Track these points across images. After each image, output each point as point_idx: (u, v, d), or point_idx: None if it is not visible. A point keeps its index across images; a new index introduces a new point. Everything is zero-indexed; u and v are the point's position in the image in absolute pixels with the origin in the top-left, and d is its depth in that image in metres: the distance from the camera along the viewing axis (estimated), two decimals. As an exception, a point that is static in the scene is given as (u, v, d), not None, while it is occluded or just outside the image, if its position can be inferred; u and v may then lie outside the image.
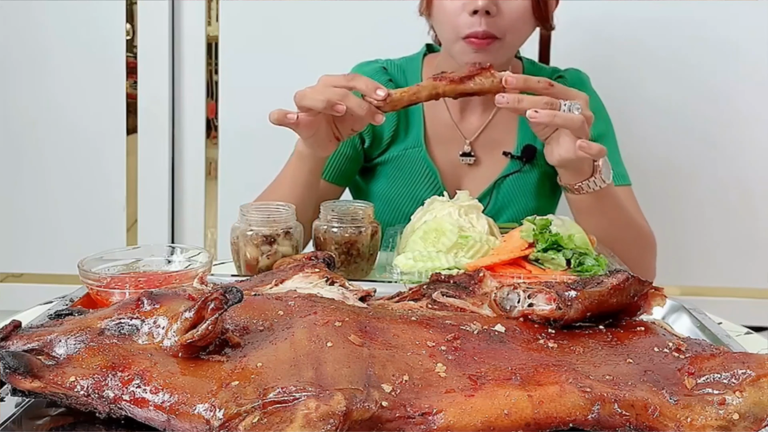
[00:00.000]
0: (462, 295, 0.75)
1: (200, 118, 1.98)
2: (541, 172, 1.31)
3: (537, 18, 1.18)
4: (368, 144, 1.32)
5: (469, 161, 1.31)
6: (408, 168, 1.32)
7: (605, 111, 1.35)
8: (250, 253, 0.96)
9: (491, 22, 1.14)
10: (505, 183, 1.31)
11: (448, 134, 1.31)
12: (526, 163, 1.30)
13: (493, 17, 1.14)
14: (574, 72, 1.38)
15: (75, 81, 1.94)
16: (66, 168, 1.98)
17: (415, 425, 0.52)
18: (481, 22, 1.14)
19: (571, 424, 0.54)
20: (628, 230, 1.18)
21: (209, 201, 2.03)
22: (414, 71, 1.34)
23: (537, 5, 1.17)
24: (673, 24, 1.85)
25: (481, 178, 1.31)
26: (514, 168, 1.30)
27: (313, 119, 1.03)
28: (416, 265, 0.92)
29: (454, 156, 1.31)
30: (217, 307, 0.56)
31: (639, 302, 0.70)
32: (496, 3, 1.14)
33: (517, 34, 1.19)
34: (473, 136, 1.31)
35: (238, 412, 0.51)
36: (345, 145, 1.30)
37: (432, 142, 1.32)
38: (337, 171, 1.31)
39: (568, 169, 1.09)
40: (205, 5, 1.93)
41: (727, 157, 1.89)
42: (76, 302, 0.78)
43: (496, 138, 1.31)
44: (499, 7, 1.14)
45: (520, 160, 1.29)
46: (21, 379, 0.54)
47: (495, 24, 1.15)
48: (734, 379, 0.56)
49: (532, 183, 1.32)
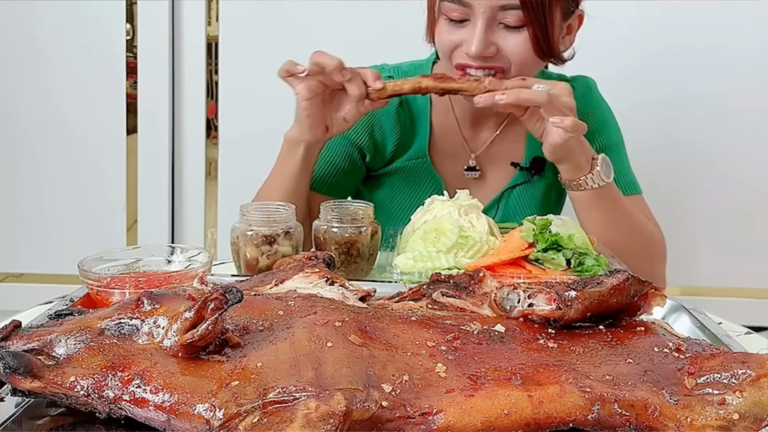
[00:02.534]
0: (462, 295, 0.75)
1: (200, 118, 1.98)
2: (548, 184, 1.30)
3: (540, 56, 1.11)
4: (370, 158, 1.29)
5: (474, 176, 1.30)
6: (412, 179, 1.30)
7: (614, 120, 1.33)
8: (250, 253, 0.96)
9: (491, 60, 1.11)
10: (513, 194, 1.30)
11: (455, 146, 1.30)
12: (535, 174, 1.29)
13: (492, 57, 1.11)
14: (582, 79, 1.35)
15: (75, 81, 1.94)
16: (66, 168, 1.98)
17: (415, 425, 0.52)
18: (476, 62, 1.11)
19: (571, 424, 0.54)
20: (633, 234, 1.17)
21: (209, 201, 2.03)
22: None
23: (537, 43, 1.09)
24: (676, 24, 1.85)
25: (488, 190, 1.30)
26: (522, 179, 1.30)
27: (315, 84, 1.07)
28: (416, 265, 0.92)
29: (459, 168, 1.30)
30: (217, 307, 0.56)
31: (639, 302, 0.70)
32: (495, 42, 1.10)
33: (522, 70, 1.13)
34: (480, 149, 1.30)
35: (238, 412, 0.51)
36: (340, 158, 1.27)
37: (437, 153, 1.30)
38: (329, 183, 1.27)
39: (565, 163, 1.10)
40: (205, 5, 1.93)
41: (728, 157, 1.89)
42: (76, 302, 0.78)
43: (504, 151, 1.30)
44: (499, 47, 1.10)
45: (529, 171, 1.29)
46: (21, 379, 0.54)
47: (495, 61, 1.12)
48: (734, 379, 0.56)
49: (539, 194, 1.31)
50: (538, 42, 1.09)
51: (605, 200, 1.13)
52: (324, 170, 1.27)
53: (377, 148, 1.29)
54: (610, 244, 1.08)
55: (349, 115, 1.10)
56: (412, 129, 1.29)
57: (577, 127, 1.04)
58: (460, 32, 1.11)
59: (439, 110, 1.28)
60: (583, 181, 1.10)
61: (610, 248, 1.07)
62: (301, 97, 1.09)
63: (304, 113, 1.09)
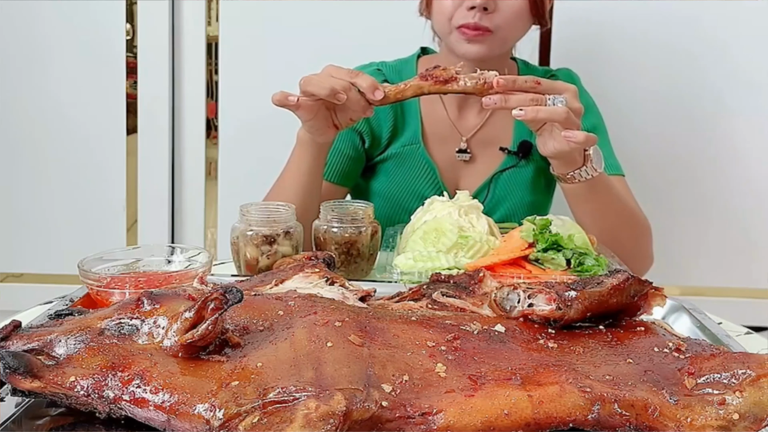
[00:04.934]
0: (462, 295, 0.75)
1: (200, 118, 1.98)
2: (536, 167, 1.35)
3: (534, 15, 1.24)
4: (368, 144, 1.34)
5: (465, 158, 1.34)
6: (407, 164, 1.34)
7: (595, 105, 1.39)
8: (250, 253, 0.96)
9: (486, 17, 1.19)
10: (502, 178, 1.34)
11: (445, 132, 1.35)
12: (522, 158, 1.33)
13: (490, 13, 1.19)
14: (566, 71, 1.42)
15: (75, 81, 1.94)
16: (66, 168, 1.98)
17: (415, 425, 0.52)
18: (475, 15, 1.18)
19: (571, 424, 0.54)
20: (622, 217, 1.20)
21: (209, 201, 2.02)
22: (408, 73, 1.36)
23: (534, 4, 1.22)
24: (672, 22, 1.84)
25: (478, 174, 1.35)
26: (511, 163, 1.34)
27: (312, 104, 1.06)
28: (416, 265, 0.92)
29: (451, 153, 1.34)
30: (217, 307, 0.56)
31: (639, 302, 0.70)
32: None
33: (511, 30, 1.23)
34: (470, 133, 1.34)
35: (238, 412, 0.51)
36: (345, 145, 1.32)
37: (429, 139, 1.34)
38: (339, 172, 1.32)
39: (560, 160, 1.10)
40: (205, 5, 1.93)
41: (727, 156, 1.89)
42: (76, 302, 0.78)
43: (493, 135, 1.35)
44: (497, 3, 1.19)
45: (516, 155, 1.33)
46: (21, 379, 0.54)
47: (490, 19, 1.19)
48: (734, 379, 0.56)
49: (528, 177, 1.35)
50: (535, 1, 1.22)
51: (597, 190, 1.14)
52: (333, 159, 1.31)
53: (374, 135, 1.34)
54: (602, 232, 1.10)
55: (355, 115, 1.11)
56: (404, 116, 1.34)
57: (588, 141, 1.04)
58: None
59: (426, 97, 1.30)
60: (577, 173, 1.11)
61: (603, 236, 1.09)
62: (303, 119, 1.09)
63: (308, 126, 1.10)
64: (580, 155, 1.10)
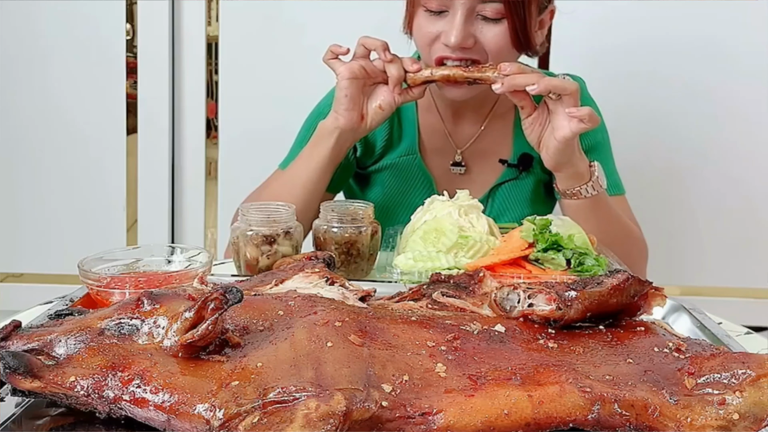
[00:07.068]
0: (462, 295, 0.75)
1: (200, 118, 1.98)
2: (536, 180, 1.31)
3: (517, 48, 1.13)
4: (361, 153, 1.30)
5: (460, 171, 1.31)
6: (403, 175, 1.31)
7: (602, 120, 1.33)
8: (250, 253, 0.96)
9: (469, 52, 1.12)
10: (501, 190, 1.31)
11: (441, 143, 1.31)
12: (523, 170, 1.29)
13: (470, 48, 1.12)
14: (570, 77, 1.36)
15: (75, 81, 1.94)
16: (66, 168, 1.98)
17: (415, 425, 0.52)
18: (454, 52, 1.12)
19: (571, 424, 0.54)
20: (620, 236, 1.19)
21: (209, 201, 2.03)
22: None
23: (516, 36, 1.11)
24: (671, 28, 1.85)
25: (477, 186, 1.31)
26: (510, 176, 1.30)
27: (357, 67, 1.10)
28: (416, 265, 0.92)
29: (447, 166, 1.31)
30: (217, 307, 0.56)
31: (639, 302, 0.70)
32: (473, 34, 1.10)
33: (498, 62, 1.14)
34: (465, 145, 1.30)
35: (238, 412, 0.51)
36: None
37: (426, 150, 1.31)
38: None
39: (565, 171, 1.10)
40: (205, 5, 1.93)
41: (727, 157, 1.89)
42: (76, 302, 0.78)
43: (489, 147, 1.31)
44: (476, 38, 1.11)
45: (517, 167, 1.29)
46: (21, 379, 0.54)
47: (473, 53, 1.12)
48: (734, 379, 0.56)
49: (528, 191, 1.32)
50: (516, 34, 1.11)
51: (599, 209, 1.14)
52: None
53: (367, 144, 1.30)
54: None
55: (384, 102, 1.12)
56: (401, 126, 1.31)
57: (592, 117, 1.03)
58: (439, 23, 1.12)
59: (423, 107, 1.30)
60: (583, 188, 1.11)
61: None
62: (341, 76, 1.11)
63: (343, 92, 1.11)
64: (586, 170, 1.10)
